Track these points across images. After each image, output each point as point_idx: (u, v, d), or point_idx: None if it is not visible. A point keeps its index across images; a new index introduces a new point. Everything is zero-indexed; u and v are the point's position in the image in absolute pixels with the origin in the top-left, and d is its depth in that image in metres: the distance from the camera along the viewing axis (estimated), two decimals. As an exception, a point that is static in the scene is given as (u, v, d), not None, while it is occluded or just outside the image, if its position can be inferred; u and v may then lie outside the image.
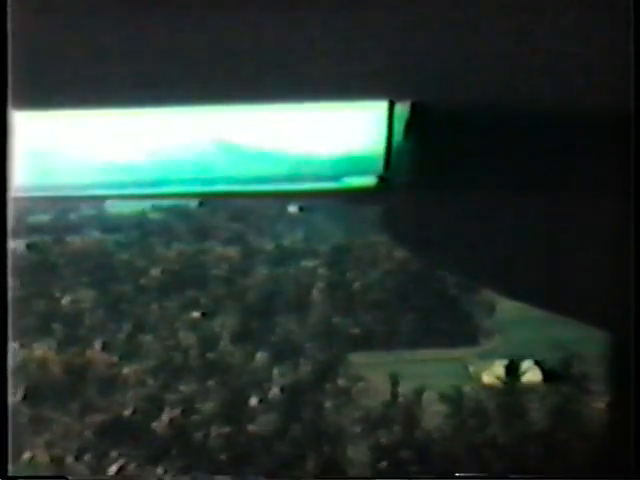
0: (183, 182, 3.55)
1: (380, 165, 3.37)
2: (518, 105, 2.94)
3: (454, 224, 3.40)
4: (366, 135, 3.37)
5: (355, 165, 3.41)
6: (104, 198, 3.80)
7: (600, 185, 2.94)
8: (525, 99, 2.89)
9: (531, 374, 3.77)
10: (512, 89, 2.77)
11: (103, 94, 2.74)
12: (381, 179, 3.37)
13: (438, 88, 2.88)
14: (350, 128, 3.36)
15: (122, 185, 3.54)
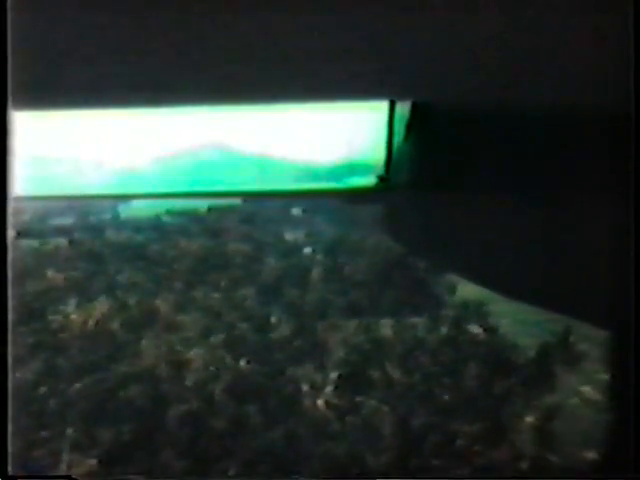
0: (186, 185, 3.52)
1: (380, 165, 3.34)
2: (518, 105, 2.91)
3: (453, 223, 3.37)
4: (366, 135, 3.35)
5: (355, 165, 3.39)
6: (114, 198, 3.80)
7: (600, 185, 2.92)
8: (525, 99, 2.86)
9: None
10: (512, 89, 2.75)
11: (103, 95, 2.71)
12: (381, 179, 3.35)
13: (438, 88, 2.85)
14: (350, 128, 3.34)
15: (127, 188, 3.52)
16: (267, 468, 13.24)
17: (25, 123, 2.85)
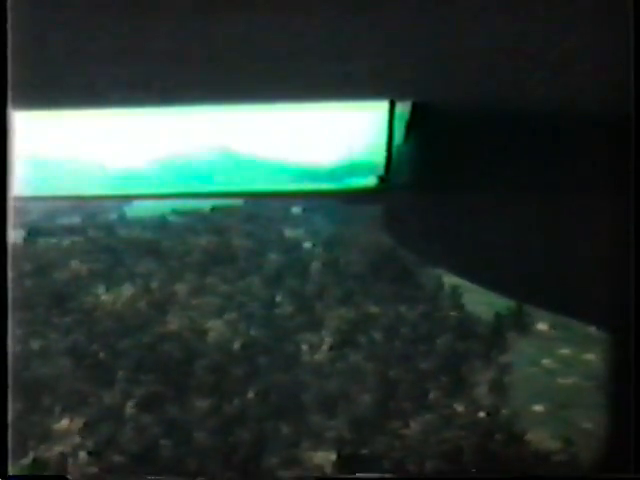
0: (189, 185, 3.51)
1: (381, 166, 3.33)
2: (518, 105, 2.90)
3: (453, 223, 3.36)
4: (366, 135, 3.33)
5: (356, 166, 3.37)
6: (120, 198, 3.81)
7: (600, 185, 2.90)
8: (525, 99, 2.84)
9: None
10: (512, 89, 2.73)
11: (103, 96, 2.70)
12: (381, 180, 3.33)
13: (438, 88, 2.84)
14: (350, 128, 3.32)
15: (131, 189, 3.51)
16: (275, 397, 18.86)
17: (26, 123, 2.84)
